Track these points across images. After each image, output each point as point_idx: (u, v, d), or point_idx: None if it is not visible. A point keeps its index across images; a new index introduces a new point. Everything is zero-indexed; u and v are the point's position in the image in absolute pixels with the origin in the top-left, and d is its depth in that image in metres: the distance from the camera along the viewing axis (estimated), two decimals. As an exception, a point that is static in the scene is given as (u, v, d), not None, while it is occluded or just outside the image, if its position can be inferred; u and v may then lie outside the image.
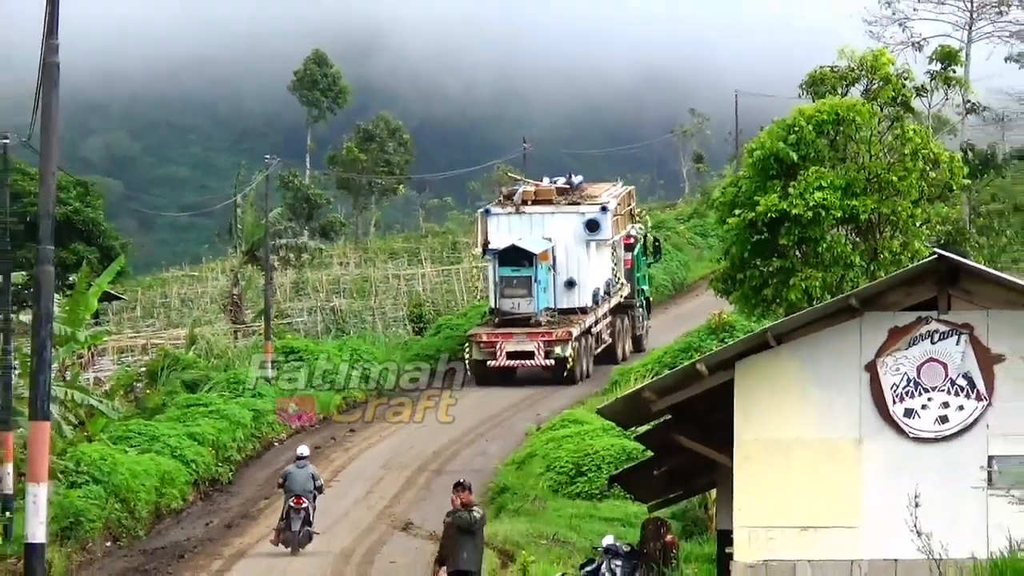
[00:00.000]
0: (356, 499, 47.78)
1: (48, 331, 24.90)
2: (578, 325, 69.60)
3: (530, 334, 68.17)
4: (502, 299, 69.62)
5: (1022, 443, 30.86)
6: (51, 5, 23.70)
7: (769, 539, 32.91)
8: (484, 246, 72.42)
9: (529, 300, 69.00)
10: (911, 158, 49.24)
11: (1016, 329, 32.26)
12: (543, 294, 69.39)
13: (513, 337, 68.08)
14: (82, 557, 42.14)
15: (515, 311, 69.06)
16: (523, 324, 68.79)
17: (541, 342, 67.64)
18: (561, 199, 73.41)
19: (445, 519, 32.56)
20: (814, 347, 33.59)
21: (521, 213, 71.84)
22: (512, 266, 69.32)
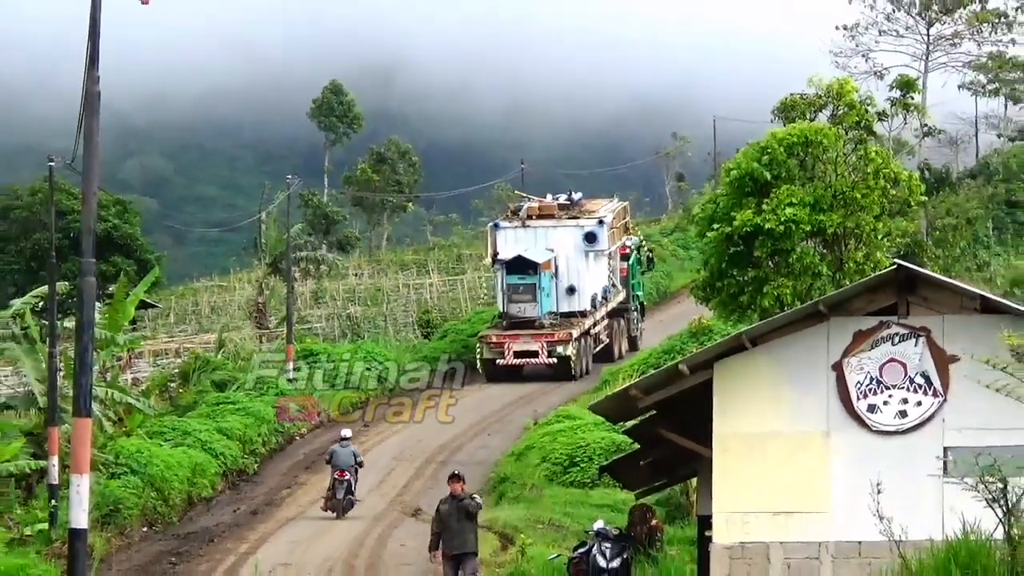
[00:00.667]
0: (370, 488, 47.79)
1: (90, 336, 24.97)
2: (578, 327, 70.07)
3: (535, 335, 68.79)
4: (510, 304, 70.28)
5: (975, 436, 30.88)
6: (93, 40, 23.76)
7: (745, 523, 32.98)
8: (493, 256, 72.65)
9: (534, 305, 69.55)
10: (873, 177, 49.30)
11: (969, 332, 32.33)
12: (546, 299, 69.99)
13: (520, 338, 68.73)
14: (121, 541, 42.18)
15: (521, 315, 69.70)
16: (528, 326, 69.39)
17: (545, 342, 68.23)
18: (562, 214, 74.09)
19: (441, 506, 32.58)
20: (786, 349, 33.68)
21: (526, 227, 72.46)
22: (518, 274, 69.93)
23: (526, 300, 69.89)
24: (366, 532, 42.72)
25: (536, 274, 69.85)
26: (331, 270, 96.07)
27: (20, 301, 48.95)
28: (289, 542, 42.30)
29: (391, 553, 39.75)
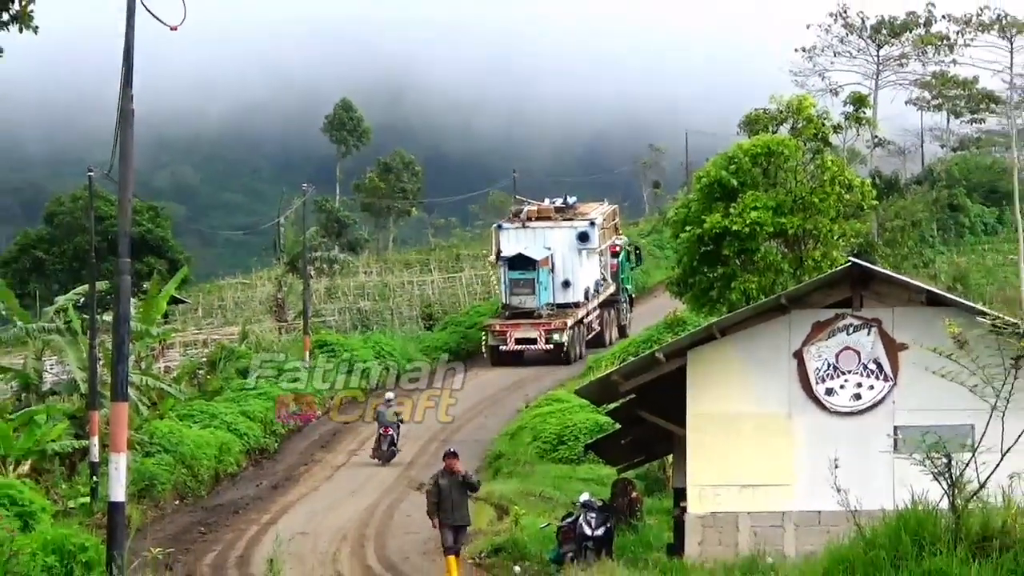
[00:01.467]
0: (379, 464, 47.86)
1: (126, 329, 24.92)
2: (572, 317, 70.76)
3: (534, 324, 69.69)
4: (511, 296, 71.40)
5: (922, 416, 30.90)
6: (127, 63, 23.70)
7: (716, 495, 33.00)
8: (497, 254, 73.35)
9: (533, 297, 70.57)
10: (829, 184, 49.33)
11: (916, 323, 32.38)
12: (544, 292, 70.83)
13: (520, 327, 69.64)
14: (155, 513, 42.19)
15: (522, 306, 70.72)
16: (528, 316, 70.31)
17: (543, 331, 69.08)
18: (558, 216, 74.72)
19: (439, 480, 32.70)
20: (752, 338, 33.71)
21: (526, 228, 73.02)
22: (519, 270, 70.95)
23: (526, 293, 70.87)
24: (376, 503, 42.74)
25: (535, 270, 70.77)
26: (343, 269, 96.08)
27: (63, 298, 48.91)
28: (307, 513, 42.35)
29: (398, 523, 39.77)
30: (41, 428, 39.88)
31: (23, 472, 36.44)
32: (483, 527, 39.68)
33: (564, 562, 33.94)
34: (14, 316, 48.79)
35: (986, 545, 25.48)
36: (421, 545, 34.40)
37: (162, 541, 33.63)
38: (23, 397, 45.79)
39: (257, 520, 41.73)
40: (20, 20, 43.07)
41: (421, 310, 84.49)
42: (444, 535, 32.67)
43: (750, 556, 31.56)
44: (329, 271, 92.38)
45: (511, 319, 70.82)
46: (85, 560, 20.65)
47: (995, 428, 27.22)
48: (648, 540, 35.80)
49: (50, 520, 28.10)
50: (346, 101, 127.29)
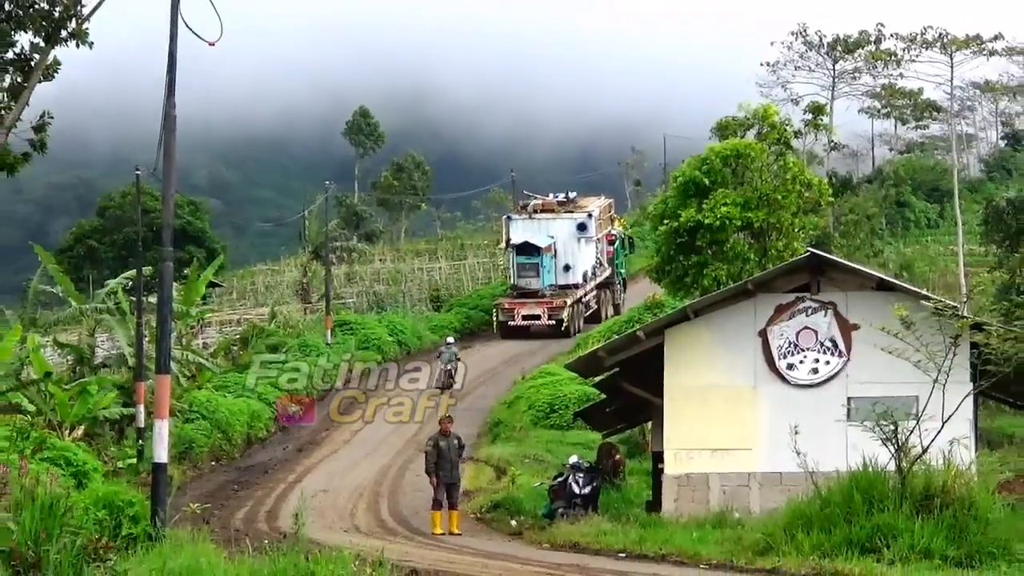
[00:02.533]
0: (391, 430, 47.75)
1: (168, 310, 24.89)
2: (572, 296, 71.30)
3: (538, 303, 70.24)
4: (519, 278, 71.98)
5: (872, 388, 30.95)
6: (170, 74, 23.66)
7: (689, 458, 33.00)
8: (507, 242, 74.05)
9: (537, 279, 71.25)
10: (791, 182, 49.26)
11: (867, 305, 32.37)
12: (547, 275, 71.53)
13: (526, 305, 70.21)
14: (194, 473, 42.20)
15: (528, 287, 71.36)
16: (533, 296, 70.92)
17: (546, 308, 69.68)
18: (560, 209, 75.31)
19: (439, 441, 33.37)
20: (722, 319, 33.70)
21: (533, 219, 73.90)
22: (526, 255, 71.58)
23: (531, 276, 71.51)
24: (389, 464, 42.71)
25: (539, 255, 71.42)
26: (360, 257, 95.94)
27: (113, 282, 48.86)
28: (327, 473, 42.34)
29: (408, 481, 39.76)
30: (93, 397, 39.85)
31: (77, 436, 36.43)
32: (483, 486, 39.72)
33: (555, 517, 33.96)
34: (70, 298, 48.79)
35: (928, 503, 25.50)
36: (428, 502, 34.32)
37: (200, 497, 33.63)
38: (77, 369, 45.74)
39: (284, 479, 41.74)
40: (77, 37, 43.05)
41: (429, 293, 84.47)
42: (439, 491, 33.18)
43: (720, 512, 31.56)
44: (348, 259, 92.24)
45: (519, 298, 71.33)
46: (132, 514, 20.60)
47: (936, 399, 27.28)
48: (630, 498, 35.84)
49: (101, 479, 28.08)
50: (364, 109, 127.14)
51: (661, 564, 26.46)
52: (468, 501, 36.64)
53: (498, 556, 27.53)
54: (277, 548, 18.69)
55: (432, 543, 30.78)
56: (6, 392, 35.82)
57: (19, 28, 42.98)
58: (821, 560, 24.39)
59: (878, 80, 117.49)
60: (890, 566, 23.60)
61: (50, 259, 48.46)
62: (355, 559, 16.73)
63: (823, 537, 25.50)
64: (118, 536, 18.70)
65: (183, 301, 48.52)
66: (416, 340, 66.92)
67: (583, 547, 29.73)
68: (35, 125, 43.95)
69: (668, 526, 30.84)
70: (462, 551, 28.37)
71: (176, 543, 18.34)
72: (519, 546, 31.04)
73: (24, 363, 39.15)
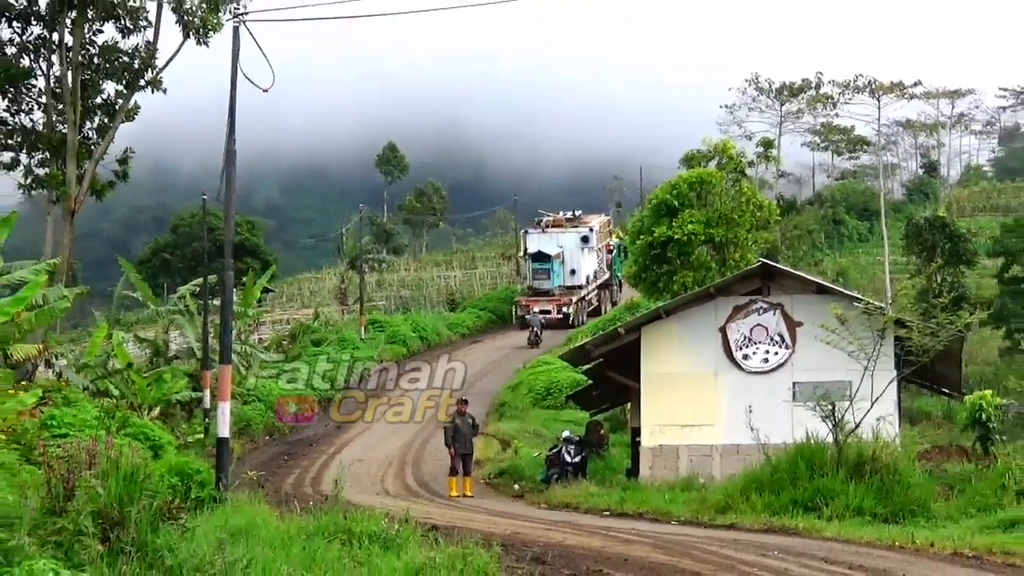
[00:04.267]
0: (414, 410, 47.68)
1: (230, 311, 24.89)
2: (577, 295, 72.15)
3: (549, 300, 71.17)
4: (533, 280, 73.21)
5: (813, 375, 30.97)
6: (231, 115, 23.64)
7: (662, 433, 33.03)
8: (524, 251, 75.91)
9: (549, 281, 72.36)
10: (745, 204, 49.36)
11: (809, 306, 32.44)
12: (557, 278, 72.45)
13: (540, 302, 70.90)
14: (250, 446, 42.11)
15: (541, 287, 72.38)
16: (545, 295, 71.75)
17: (555, 305, 70.66)
18: (568, 224, 76.16)
19: (456, 420, 33.73)
20: (688, 318, 33.73)
21: (545, 232, 74.97)
22: (540, 262, 72.71)
23: (544, 278, 72.63)
24: (413, 438, 42.63)
25: (550, 262, 72.52)
26: (388, 267, 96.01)
27: (184, 288, 48.78)
28: (361, 446, 42.26)
29: (428, 452, 39.72)
30: (168, 383, 39.81)
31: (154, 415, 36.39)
32: (491, 456, 39.65)
33: (551, 482, 33.97)
34: (148, 301, 48.73)
35: (860, 469, 25.51)
36: (445, 469, 34.33)
37: (255, 467, 33.64)
38: (154, 361, 45.70)
39: (325, 451, 41.67)
40: (153, 85, 43.17)
41: (446, 297, 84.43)
42: (455, 461, 33.33)
43: (687, 477, 31.59)
44: (379, 268, 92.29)
45: (533, 296, 72.20)
46: (199, 480, 20.58)
47: (866, 384, 27.28)
48: (613, 466, 35.85)
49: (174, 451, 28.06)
50: (391, 144, 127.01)
51: (639, 520, 26.45)
52: (479, 469, 36.61)
53: (504, 514, 27.52)
54: (320, 508, 18.67)
55: (449, 504, 30.77)
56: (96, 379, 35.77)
57: (106, 78, 43.11)
58: (771, 517, 24.40)
59: (818, 119, 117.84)
60: (828, 522, 23.59)
61: (131, 269, 48.39)
62: (385, 517, 16.71)
63: (773, 498, 25.52)
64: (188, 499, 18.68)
65: (242, 304, 48.44)
66: (435, 336, 66.81)
67: (574, 506, 29.77)
68: (119, 158, 44.12)
69: (644, 489, 30.89)
70: (474, 510, 28.36)
71: (236, 505, 18.33)
72: (521, 506, 31.05)
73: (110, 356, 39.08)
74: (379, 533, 15.48)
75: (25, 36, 41.74)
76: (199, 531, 13.63)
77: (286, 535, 14.99)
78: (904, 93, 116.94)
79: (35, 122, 42.37)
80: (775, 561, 18.33)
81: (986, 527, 22.62)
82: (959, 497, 26.29)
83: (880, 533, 22.04)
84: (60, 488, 11.78)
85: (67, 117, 41.43)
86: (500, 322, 73.64)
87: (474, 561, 13.77)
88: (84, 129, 42.40)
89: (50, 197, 42.34)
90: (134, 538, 11.82)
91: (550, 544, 20.05)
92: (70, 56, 41.39)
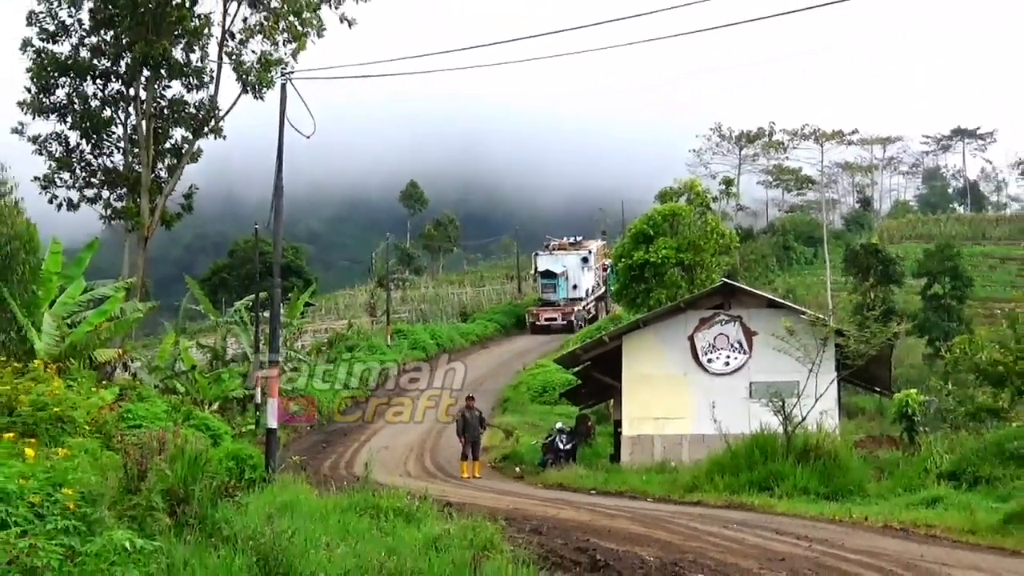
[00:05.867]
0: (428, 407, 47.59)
1: (277, 321, 24.97)
2: (578, 306, 72.95)
3: (555, 310, 72.47)
4: (542, 293, 75.16)
5: (767, 375, 31.03)
6: (279, 157, 23.70)
7: (640, 424, 33.06)
8: (535, 269, 77.13)
9: (555, 294, 73.81)
10: (710, 233, 49.40)
11: (763, 319, 32.47)
12: (561, 291, 73.78)
13: (547, 311, 72.52)
14: (294, 435, 42.03)
15: (548, 299, 73.95)
16: (552, 305, 73.15)
17: (560, 314, 71.82)
18: (571, 248, 77.38)
19: (466, 413, 33.75)
20: (663, 328, 33.78)
21: (552, 254, 76.16)
22: (547, 278, 74.51)
23: (551, 292, 74.21)
24: (429, 429, 42.56)
25: (556, 278, 73.96)
26: (411, 285, 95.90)
27: (239, 303, 48.79)
28: (387, 435, 42.21)
29: (444, 441, 39.69)
30: (225, 382, 39.78)
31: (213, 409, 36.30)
32: (496, 444, 39.68)
33: (546, 465, 34.00)
34: (208, 313, 48.76)
35: (806, 455, 25.54)
36: (458, 454, 34.33)
37: (299, 452, 33.63)
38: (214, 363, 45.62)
39: (357, 439, 41.66)
40: (214, 132, 43.24)
41: (459, 310, 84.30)
42: (465, 448, 33.46)
43: (661, 462, 31.61)
44: (402, 286, 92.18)
45: (542, 306, 73.63)
46: (252, 464, 20.57)
47: (811, 384, 27.30)
48: (598, 452, 35.85)
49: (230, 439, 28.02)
50: (413, 182, 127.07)
51: (620, 498, 26.44)
52: (486, 454, 36.61)
53: (507, 493, 27.51)
54: (352, 487, 18.67)
55: (461, 484, 30.75)
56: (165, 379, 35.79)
57: (174, 126, 43.21)
58: (731, 495, 24.39)
59: (771, 161, 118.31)
60: (779, 500, 23.60)
61: (196, 286, 48.40)
62: (407, 495, 16.72)
63: (733, 479, 25.53)
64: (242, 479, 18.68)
65: (287, 316, 48.38)
66: (450, 342, 66.73)
67: (566, 486, 29.75)
68: (185, 194, 44.18)
69: (625, 472, 30.89)
70: (482, 489, 28.35)
71: (282, 484, 18.34)
72: (522, 486, 31.03)
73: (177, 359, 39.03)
74: (402, 508, 15.49)
75: (107, 91, 41.91)
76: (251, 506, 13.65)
77: (324, 510, 15.00)
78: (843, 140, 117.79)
79: (115, 163, 42.47)
80: (734, 532, 18.32)
81: (911, 504, 22.65)
82: (889, 479, 26.31)
83: (823, 509, 22.04)
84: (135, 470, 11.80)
85: (141, 159, 41.54)
86: (504, 331, 73.56)
87: (482, 532, 13.76)
88: (156, 169, 42.49)
89: (127, 227, 42.42)
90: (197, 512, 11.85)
91: (546, 517, 20.04)
92: (144, 108, 41.53)
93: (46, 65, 40.51)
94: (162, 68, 41.38)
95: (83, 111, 41.21)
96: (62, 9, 40.95)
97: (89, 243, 30.29)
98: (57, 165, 41.52)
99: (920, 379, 52.93)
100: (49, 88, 40.82)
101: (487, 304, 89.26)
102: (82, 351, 25.16)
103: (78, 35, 41.18)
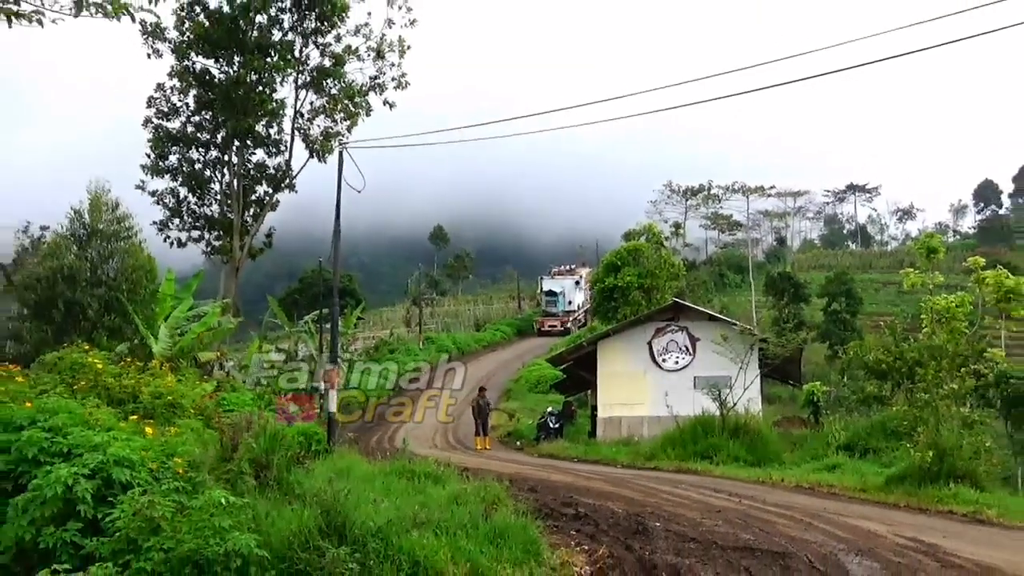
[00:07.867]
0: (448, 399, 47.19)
1: (336, 331, 24.98)
2: (572, 316, 73.27)
3: (555, 319, 72.68)
4: (546, 307, 75.08)
5: (708, 372, 30.91)
6: (337, 207, 23.76)
7: (611, 409, 32.95)
8: (540, 289, 77.74)
9: (556, 307, 73.99)
10: (663, 264, 49.21)
11: (704, 329, 32.39)
12: (560, 305, 73.94)
13: (549, 320, 72.71)
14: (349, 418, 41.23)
15: (550, 311, 74.06)
16: (553, 316, 73.25)
17: (559, 322, 72.03)
18: (566, 273, 77.92)
19: (479, 400, 33.96)
20: (628, 336, 33.69)
21: (554, 278, 76.91)
22: (550, 296, 74.79)
23: (552, 306, 74.37)
24: (453, 414, 42.41)
25: (556, 296, 74.34)
26: (437, 303, 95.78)
27: (307, 317, 48.69)
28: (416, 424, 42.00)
29: (463, 422, 39.52)
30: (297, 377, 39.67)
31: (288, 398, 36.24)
32: (502, 424, 39.45)
33: (540, 440, 33.89)
34: (284, 325, 48.70)
35: (737, 432, 25.48)
36: (473, 432, 34.24)
37: (352, 431, 33.56)
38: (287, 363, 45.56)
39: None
40: (289, 187, 43.29)
41: (474, 322, 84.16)
42: (478, 426, 33.35)
43: (627, 437, 31.50)
44: (431, 304, 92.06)
45: (545, 316, 73.75)
46: (317, 439, 20.56)
47: (741, 378, 27.25)
48: (580, 430, 35.72)
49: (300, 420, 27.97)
50: (439, 225, 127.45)
51: (596, 464, 26.37)
52: (494, 432, 36.50)
53: (511, 461, 27.44)
54: (393, 457, 18.65)
55: (475, 454, 30.67)
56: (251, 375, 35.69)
57: (258, 183, 43.29)
58: (681, 462, 24.33)
59: (710, 209, 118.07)
60: (717, 466, 23.54)
61: (274, 304, 48.50)
62: (434, 462, 16.72)
63: (681, 451, 25.47)
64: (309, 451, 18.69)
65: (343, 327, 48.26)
66: (468, 347, 66.58)
67: (555, 456, 29.68)
68: (266, 234, 44.18)
69: (600, 445, 30.82)
70: (492, 458, 28.29)
71: (340, 455, 18.32)
72: (522, 456, 30.94)
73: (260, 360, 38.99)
74: (431, 472, 15.48)
75: (207, 157, 42.07)
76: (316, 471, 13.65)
77: (371, 474, 15.00)
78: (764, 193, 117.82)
79: (213, 212, 42.53)
80: (683, 491, 18.30)
81: (816, 469, 22.61)
82: (799, 450, 26.26)
83: (750, 473, 22.00)
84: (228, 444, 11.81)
85: (233, 209, 41.64)
86: (507, 338, 73.31)
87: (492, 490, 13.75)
88: (244, 216, 42.56)
89: (223, 260, 42.49)
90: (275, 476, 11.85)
91: (540, 480, 20.01)
92: (235, 170, 41.69)
93: (162, 137, 40.78)
94: (249, 140, 41.58)
95: (189, 172, 41.42)
96: (174, 95, 41.25)
97: (196, 273, 30.38)
98: (170, 213, 41.66)
99: (823, 374, 52.91)
100: (164, 154, 41.00)
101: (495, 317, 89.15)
102: (188, 353, 25.22)
103: (186, 114, 41.42)
